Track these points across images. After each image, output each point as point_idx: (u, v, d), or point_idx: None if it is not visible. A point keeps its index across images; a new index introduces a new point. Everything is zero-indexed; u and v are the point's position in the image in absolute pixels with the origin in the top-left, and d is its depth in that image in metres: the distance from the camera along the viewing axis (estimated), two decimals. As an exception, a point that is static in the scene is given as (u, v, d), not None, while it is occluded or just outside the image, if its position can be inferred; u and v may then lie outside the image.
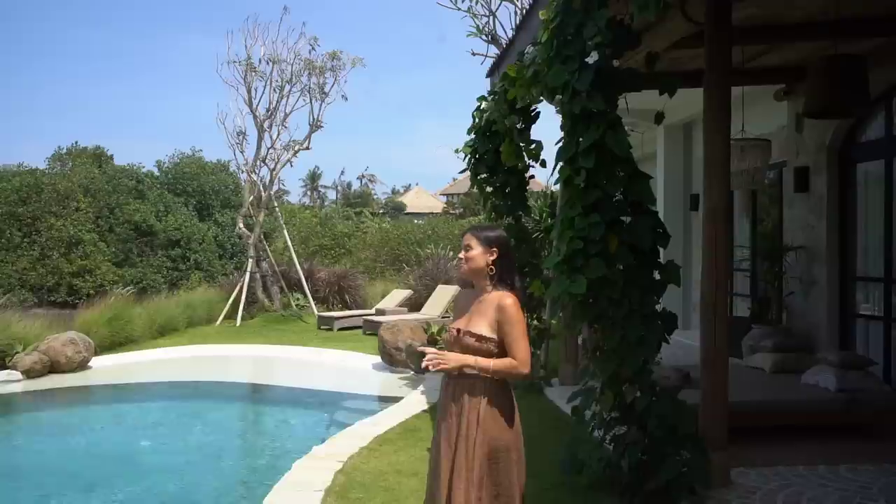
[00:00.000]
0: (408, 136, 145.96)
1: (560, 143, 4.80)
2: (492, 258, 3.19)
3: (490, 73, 8.33)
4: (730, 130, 4.94)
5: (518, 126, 6.97)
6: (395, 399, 8.33)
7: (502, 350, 3.12)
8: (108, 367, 11.00)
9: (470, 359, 3.11)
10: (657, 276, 4.73)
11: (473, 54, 16.03)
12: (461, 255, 3.25)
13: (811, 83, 6.05)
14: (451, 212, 41.47)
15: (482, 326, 3.12)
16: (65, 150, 30.65)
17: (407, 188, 73.39)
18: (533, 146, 7.08)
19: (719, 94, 4.86)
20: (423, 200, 60.05)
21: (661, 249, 4.72)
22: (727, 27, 4.86)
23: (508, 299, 3.11)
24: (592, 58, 4.46)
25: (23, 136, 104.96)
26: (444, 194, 59.27)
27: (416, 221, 31.22)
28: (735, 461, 4.99)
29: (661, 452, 4.59)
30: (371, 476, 5.41)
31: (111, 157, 30.44)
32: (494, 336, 3.11)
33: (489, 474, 3.08)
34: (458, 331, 3.16)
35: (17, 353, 10.14)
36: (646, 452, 4.67)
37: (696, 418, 4.82)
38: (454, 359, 3.12)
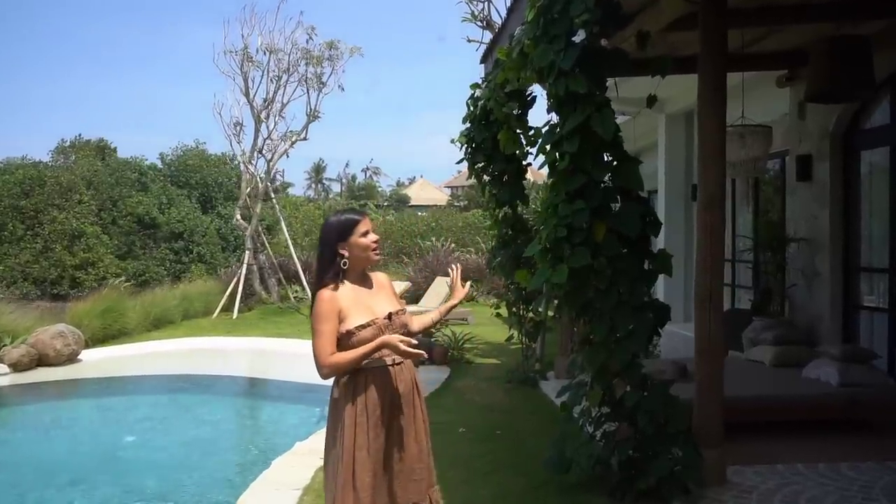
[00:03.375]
0: (413, 128, 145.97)
1: (545, 127, 4.61)
2: None
3: (483, 59, 8.13)
4: (725, 115, 4.74)
5: (515, 112, 6.75)
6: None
7: None
8: (98, 361, 10.74)
9: (423, 322, 3.37)
10: (648, 265, 4.54)
11: (469, 41, 15.73)
12: (376, 240, 3.14)
13: (813, 66, 5.84)
14: (456, 204, 41.35)
15: (396, 303, 3.23)
16: (68, 143, 30.59)
17: (412, 181, 73.22)
18: (531, 132, 6.86)
19: (714, 75, 4.67)
20: (428, 193, 59.92)
21: (653, 238, 4.53)
22: (722, 6, 4.65)
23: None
24: (579, 37, 4.26)
25: (26, 129, 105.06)
26: (448, 186, 59.13)
27: (420, 214, 31.04)
28: (731, 458, 4.78)
29: (652, 450, 4.42)
30: (353, 473, 5.22)
31: (114, 150, 30.33)
32: None
33: None
34: (391, 315, 3.11)
35: (4, 346, 9.96)
36: (636, 450, 4.49)
37: (691, 414, 4.63)
38: (422, 325, 3.36)
